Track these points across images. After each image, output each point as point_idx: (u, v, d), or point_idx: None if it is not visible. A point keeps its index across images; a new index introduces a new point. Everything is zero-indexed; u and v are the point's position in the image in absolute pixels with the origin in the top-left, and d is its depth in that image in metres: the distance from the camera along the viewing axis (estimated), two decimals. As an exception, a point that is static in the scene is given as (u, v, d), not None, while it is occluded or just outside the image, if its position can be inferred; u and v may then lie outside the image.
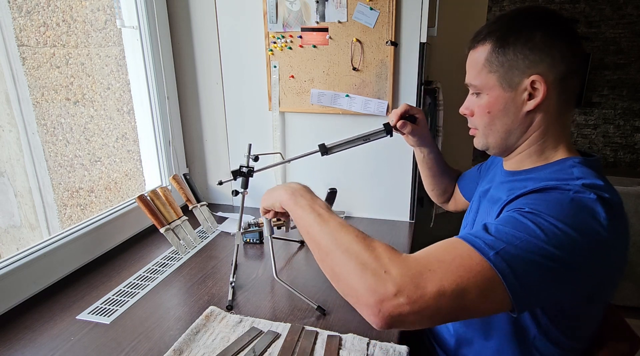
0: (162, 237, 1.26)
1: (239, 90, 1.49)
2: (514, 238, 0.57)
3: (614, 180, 3.00)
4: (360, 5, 1.28)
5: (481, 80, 0.75)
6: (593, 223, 0.59)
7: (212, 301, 0.99)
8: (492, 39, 0.72)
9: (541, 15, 0.71)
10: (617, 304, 2.26)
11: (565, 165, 0.71)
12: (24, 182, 1.17)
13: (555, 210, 0.59)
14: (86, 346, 0.85)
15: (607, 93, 4.00)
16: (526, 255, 0.56)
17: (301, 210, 0.72)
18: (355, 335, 0.85)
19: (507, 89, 0.72)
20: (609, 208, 0.61)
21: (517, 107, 0.72)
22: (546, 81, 0.69)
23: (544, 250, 0.56)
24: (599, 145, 4.15)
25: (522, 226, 0.59)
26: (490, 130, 0.77)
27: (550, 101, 0.71)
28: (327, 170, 1.50)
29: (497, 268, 0.55)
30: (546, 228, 0.58)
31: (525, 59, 0.70)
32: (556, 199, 0.61)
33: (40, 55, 1.16)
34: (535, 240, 0.57)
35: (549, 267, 0.56)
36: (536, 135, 0.74)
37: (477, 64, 0.75)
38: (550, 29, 0.69)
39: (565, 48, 0.69)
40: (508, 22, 0.72)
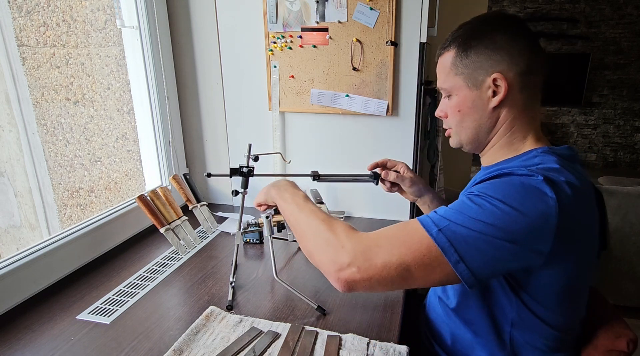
0: (162, 237, 1.26)
1: (239, 90, 1.49)
2: (457, 217, 0.66)
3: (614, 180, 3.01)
4: (360, 5, 1.28)
5: (449, 83, 0.82)
6: (538, 203, 0.64)
7: (212, 301, 0.99)
8: (456, 44, 0.80)
9: (500, 18, 0.79)
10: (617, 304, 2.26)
11: (530, 154, 0.77)
12: (24, 182, 1.17)
13: (501, 192, 0.66)
14: (86, 346, 0.85)
15: (607, 93, 4.00)
16: (467, 232, 0.64)
17: (284, 202, 0.88)
18: (355, 335, 0.85)
19: (472, 88, 0.79)
20: (559, 190, 0.65)
21: (483, 103, 0.79)
22: (507, 78, 0.75)
23: (484, 225, 0.64)
24: (599, 145, 4.15)
25: (466, 207, 0.67)
26: (462, 127, 0.84)
27: (514, 96, 0.77)
28: (327, 170, 1.49)
29: (438, 242, 0.65)
30: (488, 207, 0.65)
31: (487, 59, 0.76)
32: (505, 182, 0.68)
33: (40, 55, 1.16)
34: (476, 218, 0.65)
35: (488, 241, 0.64)
36: (504, 128, 0.80)
37: (445, 68, 0.82)
38: (509, 29, 0.76)
39: (524, 46, 0.75)
40: (470, 27, 0.80)
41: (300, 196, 0.88)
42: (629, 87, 3.93)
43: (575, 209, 0.67)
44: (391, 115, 1.37)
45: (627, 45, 3.84)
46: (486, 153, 0.85)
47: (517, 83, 0.76)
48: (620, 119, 4.04)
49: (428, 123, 1.62)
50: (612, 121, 4.06)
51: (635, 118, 4.00)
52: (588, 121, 4.12)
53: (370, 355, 0.80)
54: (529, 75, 0.76)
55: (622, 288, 2.24)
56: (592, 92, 4.02)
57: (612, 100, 4.00)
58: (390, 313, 0.94)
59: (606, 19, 3.83)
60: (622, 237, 2.15)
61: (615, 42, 3.86)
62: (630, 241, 2.16)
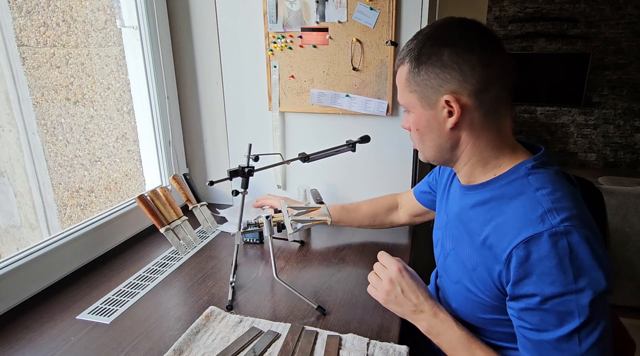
0: (162, 237, 1.26)
1: (239, 90, 1.49)
2: (573, 342, 0.63)
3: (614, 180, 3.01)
4: (360, 5, 1.28)
5: (405, 100, 0.78)
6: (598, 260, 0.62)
7: (212, 301, 0.99)
8: (409, 59, 0.74)
9: (451, 30, 0.72)
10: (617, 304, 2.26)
11: (519, 173, 0.72)
12: (24, 182, 1.17)
13: (569, 280, 0.62)
14: (86, 346, 0.85)
15: (607, 93, 4.00)
16: (600, 344, 0.62)
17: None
18: (355, 335, 0.85)
19: (427, 107, 0.74)
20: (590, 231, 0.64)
21: (439, 124, 0.74)
22: (460, 99, 0.70)
23: (600, 327, 0.62)
24: (599, 145, 4.15)
25: (563, 321, 0.63)
26: (423, 145, 0.79)
27: (471, 115, 0.72)
28: (328, 170, 1.50)
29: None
30: (581, 308, 0.62)
31: (436, 78, 0.71)
32: (556, 266, 0.63)
33: (40, 55, 1.16)
34: (587, 329, 0.62)
35: (609, 329, 0.63)
36: (470, 148, 0.75)
37: (400, 83, 0.78)
38: (458, 44, 0.69)
39: (476, 60, 0.69)
40: (422, 40, 0.73)
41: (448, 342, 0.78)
42: (629, 87, 3.93)
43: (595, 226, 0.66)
44: (391, 115, 1.37)
45: (627, 45, 3.84)
46: (460, 170, 0.80)
47: (472, 102, 0.70)
48: (620, 119, 4.04)
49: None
50: (612, 121, 4.06)
51: (635, 118, 4.00)
52: (588, 121, 4.12)
53: (370, 355, 0.80)
54: (485, 92, 0.70)
55: (622, 288, 2.24)
56: (592, 92, 4.02)
57: (612, 100, 4.00)
58: (391, 313, 0.94)
59: (606, 19, 3.83)
60: (622, 237, 2.15)
61: (615, 42, 3.86)
62: (630, 241, 2.16)
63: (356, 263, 1.17)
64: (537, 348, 0.66)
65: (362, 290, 1.03)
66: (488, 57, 0.70)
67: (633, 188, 2.16)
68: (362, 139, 1.20)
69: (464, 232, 0.79)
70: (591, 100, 4.05)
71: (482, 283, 0.73)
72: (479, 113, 0.72)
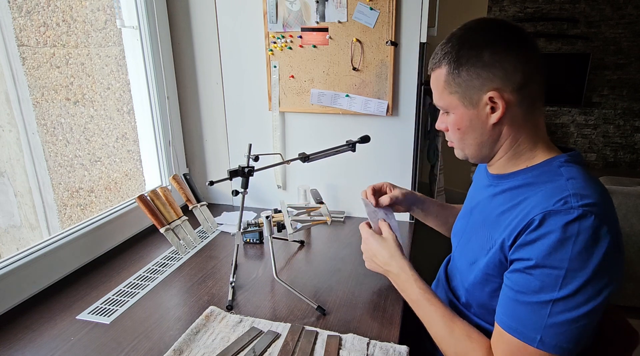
0: (162, 237, 1.26)
1: (239, 90, 1.49)
2: (544, 310, 0.65)
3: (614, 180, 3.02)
4: (360, 5, 1.28)
5: (444, 102, 0.79)
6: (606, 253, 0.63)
7: (212, 301, 0.99)
8: (446, 62, 0.76)
9: (486, 30, 0.74)
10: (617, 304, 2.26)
11: (552, 165, 0.74)
12: (24, 182, 1.17)
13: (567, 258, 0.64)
14: (86, 346, 0.85)
15: (607, 94, 4.00)
16: (567, 326, 0.64)
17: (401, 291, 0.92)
18: (355, 335, 0.85)
19: (469, 106, 0.76)
20: (609, 223, 0.64)
21: (482, 121, 0.76)
22: (503, 95, 0.73)
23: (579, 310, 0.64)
24: (599, 145, 4.15)
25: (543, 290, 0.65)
26: (463, 144, 0.82)
27: (513, 110, 0.74)
28: (328, 170, 1.50)
29: (552, 350, 0.65)
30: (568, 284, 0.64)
31: (479, 77, 0.73)
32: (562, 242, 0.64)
33: (40, 55, 1.16)
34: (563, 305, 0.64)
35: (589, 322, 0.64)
36: (509, 142, 0.78)
37: (438, 86, 0.79)
38: (497, 44, 0.72)
39: (516, 58, 0.72)
40: (458, 42, 0.75)
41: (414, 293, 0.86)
42: (629, 87, 3.93)
43: (617, 226, 0.67)
44: (391, 115, 1.37)
45: (627, 45, 3.84)
46: (494, 163, 0.82)
47: (514, 98, 0.73)
48: (620, 119, 4.04)
49: (428, 123, 1.62)
50: (612, 121, 4.06)
51: (635, 118, 4.00)
52: (588, 121, 4.12)
53: (370, 355, 0.80)
54: (525, 87, 0.73)
55: (622, 288, 2.24)
56: (592, 92, 4.02)
57: (612, 100, 4.00)
58: (390, 313, 0.94)
59: (606, 19, 3.83)
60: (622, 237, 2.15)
61: (615, 42, 3.86)
62: (630, 241, 2.16)
63: (356, 263, 1.17)
64: (510, 307, 0.69)
65: (362, 290, 1.03)
66: (526, 53, 0.72)
67: (633, 188, 2.16)
68: (362, 139, 1.20)
69: (489, 215, 0.81)
70: (591, 100, 4.05)
71: (493, 260, 0.75)
72: (519, 108, 0.74)
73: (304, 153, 1.13)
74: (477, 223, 0.85)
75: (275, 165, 1.14)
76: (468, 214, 0.91)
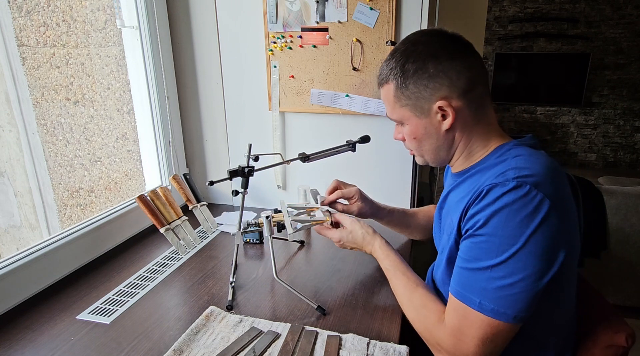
0: (162, 237, 1.26)
1: (239, 90, 1.49)
2: (482, 275, 0.69)
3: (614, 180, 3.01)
4: (360, 5, 1.28)
5: (397, 115, 0.84)
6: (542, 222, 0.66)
7: (212, 301, 0.99)
8: (393, 77, 0.81)
9: (428, 42, 0.79)
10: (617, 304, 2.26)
11: (503, 149, 0.79)
12: (24, 182, 1.17)
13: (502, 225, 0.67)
14: (86, 346, 0.85)
15: (607, 94, 4.00)
16: (503, 291, 0.67)
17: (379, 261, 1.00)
18: (355, 335, 0.85)
19: (421, 116, 0.81)
20: (548, 191, 0.67)
21: (436, 128, 0.81)
22: (451, 102, 0.77)
23: (514, 277, 0.67)
24: (599, 145, 4.15)
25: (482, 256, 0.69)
26: (422, 150, 0.87)
27: (463, 114, 0.79)
28: (328, 170, 1.50)
29: (488, 313, 0.68)
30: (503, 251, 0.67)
31: (426, 89, 0.78)
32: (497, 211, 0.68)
33: (40, 55, 1.16)
34: (499, 271, 0.67)
35: (525, 288, 0.67)
36: (463, 142, 0.83)
37: (389, 100, 0.84)
38: (439, 55, 0.76)
39: (460, 65, 0.76)
40: (402, 57, 0.79)
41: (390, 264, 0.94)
42: (629, 87, 3.93)
43: (562, 198, 0.69)
44: (391, 115, 1.37)
45: (627, 45, 3.84)
46: (454, 163, 0.88)
47: (462, 103, 0.77)
48: (620, 119, 4.04)
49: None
50: (612, 121, 4.06)
51: (635, 118, 4.00)
52: (588, 121, 4.12)
53: (370, 355, 0.80)
54: (471, 91, 0.77)
55: (622, 288, 2.24)
56: (592, 92, 4.02)
57: (612, 100, 4.00)
58: (390, 313, 0.94)
59: (606, 19, 3.83)
60: (622, 237, 2.15)
61: (615, 42, 3.86)
62: (630, 241, 2.15)
63: (356, 263, 1.17)
64: (458, 273, 0.74)
65: (362, 290, 1.03)
66: (467, 60, 0.77)
67: (633, 188, 2.16)
68: (362, 139, 1.20)
69: (451, 206, 0.85)
70: (591, 100, 4.05)
71: (455, 240, 0.79)
72: (469, 111, 0.79)
73: (304, 153, 1.13)
74: (444, 218, 0.90)
75: (275, 165, 1.14)
76: (438, 216, 0.95)
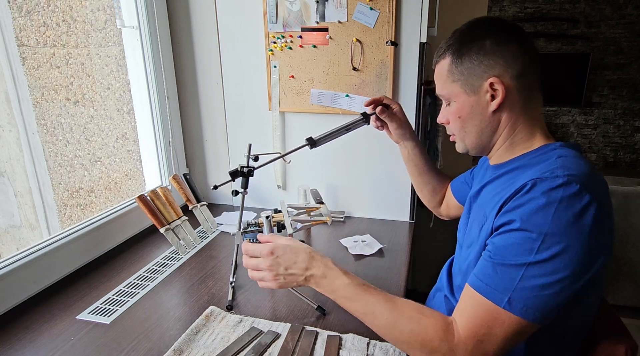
0: (162, 237, 1.26)
1: (239, 90, 1.49)
2: (517, 273, 0.65)
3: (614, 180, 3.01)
4: (360, 5, 1.28)
5: (447, 90, 0.83)
6: (588, 224, 0.63)
7: (212, 301, 0.99)
8: (450, 52, 0.81)
9: (488, 24, 0.80)
10: (617, 304, 2.26)
11: (547, 149, 0.77)
12: (24, 182, 1.17)
13: (548, 222, 0.64)
14: (86, 346, 0.85)
15: (607, 93, 4.00)
16: (537, 291, 0.64)
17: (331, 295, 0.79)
18: (355, 335, 0.85)
19: (470, 93, 0.80)
20: (595, 192, 0.65)
21: (482, 108, 0.79)
22: (503, 81, 0.76)
23: (551, 277, 0.63)
24: (599, 145, 4.14)
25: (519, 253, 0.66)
26: (464, 132, 0.84)
27: (512, 98, 0.78)
28: (328, 169, 1.50)
29: (518, 313, 0.65)
30: (544, 249, 0.64)
31: (480, 65, 0.77)
32: (544, 206, 0.65)
33: (40, 55, 1.16)
34: (537, 269, 0.64)
35: (560, 290, 0.64)
36: (507, 129, 0.80)
37: (442, 76, 0.83)
38: (498, 34, 0.77)
39: (516, 48, 0.76)
40: (461, 35, 0.81)
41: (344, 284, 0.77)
42: (629, 87, 3.93)
43: (607, 204, 0.67)
44: (391, 115, 1.37)
45: (627, 45, 3.84)
46: (494, 154, 0.85)
47: (514, 85, 0.77)
48: (620, 119, 4.04)
49: (428, 123, 1.62)
50: (612, 121, 4.06)
51: (635, 118, 4.00)
52: (588, 121, 4.12)
53: (370, 355, 0.80)
54: (524, 76, 0.77)
55: (622, 288, 2.24)
56: (592, 92, 4.02)
57: (612, 100, 4.00)
58: (390, 313, 0.94)
59: (606, 19, 3.83)
60: (622, 237, 2.15)
61: (615, 42, 3.86)
62: (630, 241, 2.15)
63: (356, 264, 1.17)
64: (485, 268, 0.69)
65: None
66: (525, 45, 0.77)
67: (633, 188, 2.16)
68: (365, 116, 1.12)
69: (486, 199, 0.82)
70: (591, 100, 4.05)
71: (486, 234, 0.75)
72: (518, 96, 0.78)
73: (311, 138, 1.06)
74: (476, 211, 0.87)
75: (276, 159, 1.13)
76: (468, 208, 0.92)
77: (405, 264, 1.17)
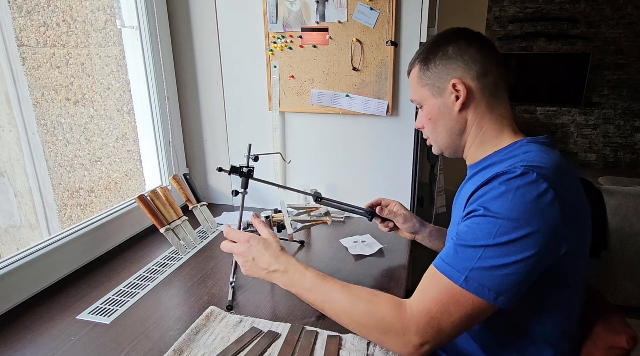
0: (162, 237, 1.26)
1: (239, 90, 1.49)
2: (475, 254, 0.68)
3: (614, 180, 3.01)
4: (360, 5, 1.28)
5: (418, 95, 0.90)
6: (544, 210, 0.67)
7: (212, 301, 0.99)
8: (419, 61, 0.89)
9: (451, 33, 0.87)
10: (617, 304, 2.26)
11: (515, 145, 0.82)
12: (24, 182, 1.17)
13: (505, 208, 0.68)
14: (86, 346, 0.85)
15: (607, 93, 4.00)
16: (492, 271, 0.67)
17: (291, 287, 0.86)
18: (356, 335, 0.85)
19: (437, 96, 0.86)
20: (554, 182, 0.68)
21: (449, 108, 0.86)
22: (465, 82, 0.82)
23: (507, 258, 0.67)
24: (599, 145, 4.15)
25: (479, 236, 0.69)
26: (436, 133, 0.90)
27: (475, 97, 0.84)
28: (328, 169, 1.50)
29: (473, 291, 0.68)
30: (502, 233, 0.67)
31: (444, 68, 0.84)
32: (502, 193, 0.69)
33: (40, 55, 1.16)
34: (494, 251, 0.67)
35: (515, 270, 0.67)
36: (475, 128, 0.86)
37: (413, 82, 0.91)
38: (459, 41, 0.84)
39: (475, 52, 0.83)
40: (428, 45, 0.88)
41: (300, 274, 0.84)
42: (629, 87, 3.93)
43: (569, 195, 0.70)
44: (391, 115, 1.37)
45: (627, 45, 3.84)
46: (467, 154, 0.90)
47: (475, 86, 0.83)
48: (620, 119, 4.04)
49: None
50: (612, 121, 4.06)
51: (635, 118, 4.00)
52: (588, 121, 4.12)
53: (370, 355, 0.80)
54: (485, 77, 0.83)
55: (622, 288, 2.24)
56: (592, 92, 4.02)
57: (612, 100, 4.00)
58: (390, 313, 0.94)
59: (606, 19, 3.83)
60: (622, 237, 2.15)
61: (615, 42, 3.86)
62: (630, 241, 2.15)
63: (356, 264, 1.17)
64: (449, 250, 0.73)
65: (362, 290, 1.03)
66: (483, 49, 0.84)
67: (633, 188, 2.16)
68: (370, 213, 1.17)
69: (462, 199, 0.86)
70: (591, 100, 4.05)
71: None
72: (482, 95, 0.83)
73: (319, 193, 1.15)
74: (456, 209, 0.92)
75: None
76: (452, 207, 0.97)
77: (405, 264, 1.17)
